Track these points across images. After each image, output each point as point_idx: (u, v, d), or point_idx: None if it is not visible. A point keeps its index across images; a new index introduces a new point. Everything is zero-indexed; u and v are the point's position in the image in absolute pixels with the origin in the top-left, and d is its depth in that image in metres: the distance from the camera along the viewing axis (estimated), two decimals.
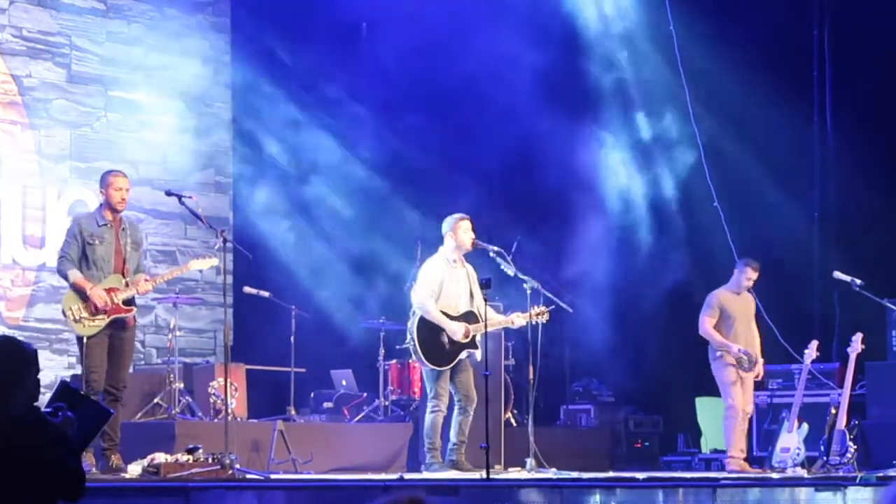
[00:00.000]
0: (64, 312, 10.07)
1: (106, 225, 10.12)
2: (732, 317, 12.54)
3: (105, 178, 10.25)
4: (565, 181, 15.25)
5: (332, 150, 15.30)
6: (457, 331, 11.10)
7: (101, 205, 10.31)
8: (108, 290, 10.02)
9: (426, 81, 14.83)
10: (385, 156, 15.47)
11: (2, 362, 5.00)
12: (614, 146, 15.61)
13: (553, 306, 11.59)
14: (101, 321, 9.97)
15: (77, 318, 9.98)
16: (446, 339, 11.13)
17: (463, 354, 11.18)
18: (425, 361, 11.15)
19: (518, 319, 11.36)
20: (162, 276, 10.83)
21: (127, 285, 10.10)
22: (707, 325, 12.52)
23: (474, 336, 11.16)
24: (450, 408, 11.25)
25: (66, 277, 10.09)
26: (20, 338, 5.38)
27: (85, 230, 10.07)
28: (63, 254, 10.12)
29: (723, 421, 12.61)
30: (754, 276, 12.65)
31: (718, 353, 12.51)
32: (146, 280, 10.30)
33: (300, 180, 15.17)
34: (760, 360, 12.61)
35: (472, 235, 11.29)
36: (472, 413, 11.15)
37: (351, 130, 15.47)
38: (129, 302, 10.14)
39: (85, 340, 9.94)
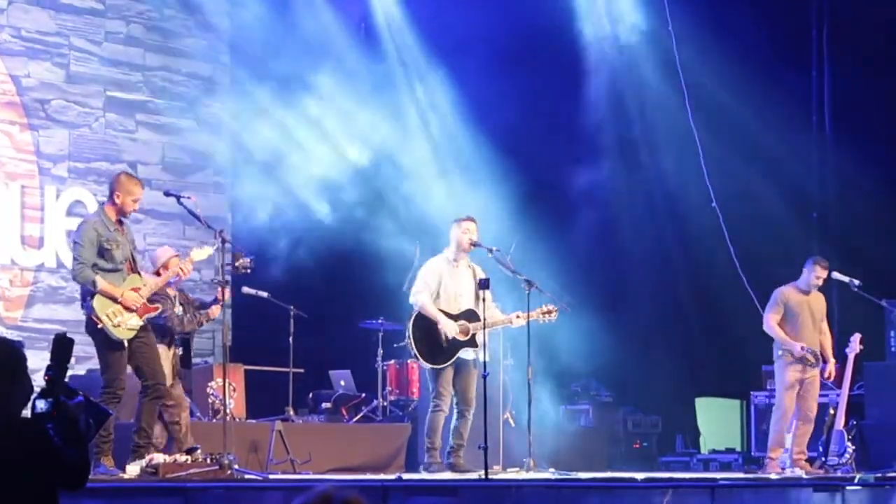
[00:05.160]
0: (100, 319, 9.76)
1: (115, 229, 9.97)
2: (797, 315, 12.32)
3: (122, 183, 10.02)
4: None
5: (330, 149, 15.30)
6: (449, 328, 11.07)
7: (103, 206, 10.15)
8: (133, 290, 9.94)
9: None
10: (382, 155, 15.48)
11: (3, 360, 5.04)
12: None
13: (562, 305, 11.55)
14: (137, 323, 9.89)
15: (115, 322, 9.81)
16: (443, 337, 11.11)
17: (464, 354, 11.14)
18: (421, 359, 11.14)
19: (517, 320, 11.32)
20: (167, 275, 10.69)
21: (145, 284, 10.08)
22: (772, 321, 12.31)
23: (474, 335, 11.14)
24: (451, 408, 11.23)
25: (93, 284, 9.83)
26: (18, 338, 5.43)
27: (101, 235, 9.90)
28: (83, 260, 9.85)
29: (771, 418, 12.47)
30: (823, 274, 12.41)
31: (780, 353, 12.31)
32: (156, 276, 10.49)
33: (299, 179, 15.15)
34: (832, 360, 12.37)
35: (471, 236, 11.25)
36: (470, 418, 11.12)
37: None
38: (151, 301, 10.12)
39: (126, 344, 9.81)
